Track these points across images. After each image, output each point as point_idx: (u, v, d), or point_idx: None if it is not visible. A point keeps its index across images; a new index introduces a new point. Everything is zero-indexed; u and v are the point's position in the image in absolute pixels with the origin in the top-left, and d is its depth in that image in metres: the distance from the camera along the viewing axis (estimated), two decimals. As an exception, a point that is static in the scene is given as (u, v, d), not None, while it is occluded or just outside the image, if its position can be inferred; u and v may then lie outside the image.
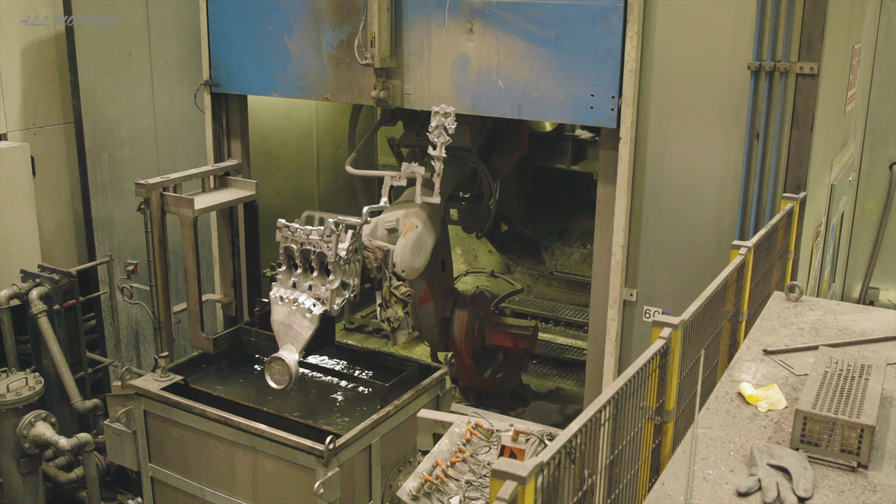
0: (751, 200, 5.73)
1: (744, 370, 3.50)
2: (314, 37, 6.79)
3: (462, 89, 6.33)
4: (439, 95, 6.42)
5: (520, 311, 10.32)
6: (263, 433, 5.58)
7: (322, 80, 6.84)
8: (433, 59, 6.38)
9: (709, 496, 2.65)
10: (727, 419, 3.12)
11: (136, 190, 6.12)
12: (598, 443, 2.80)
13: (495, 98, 6.24)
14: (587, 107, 5.96)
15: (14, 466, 7.05)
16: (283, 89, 7.07)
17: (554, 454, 2.49)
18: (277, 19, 6.91)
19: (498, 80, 6.18)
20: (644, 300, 6.25)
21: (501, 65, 6.15)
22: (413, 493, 3.57)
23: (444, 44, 6.32)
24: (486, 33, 6.15)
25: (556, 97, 6.03)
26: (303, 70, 6.90)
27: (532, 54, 6.03)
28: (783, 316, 4.06)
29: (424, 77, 6.44)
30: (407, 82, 6.50)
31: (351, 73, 6.68)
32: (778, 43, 5.42)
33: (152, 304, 6.42)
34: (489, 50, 6.17)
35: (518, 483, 2.30)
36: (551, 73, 6.01)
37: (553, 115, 6.20)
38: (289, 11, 6.85)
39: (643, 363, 3.09)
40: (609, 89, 5.87)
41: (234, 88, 7.31)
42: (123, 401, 6.29)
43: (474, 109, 6.37)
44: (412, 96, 6.51)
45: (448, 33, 6.29)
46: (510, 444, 3.19)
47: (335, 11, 6.65)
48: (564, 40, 5.93)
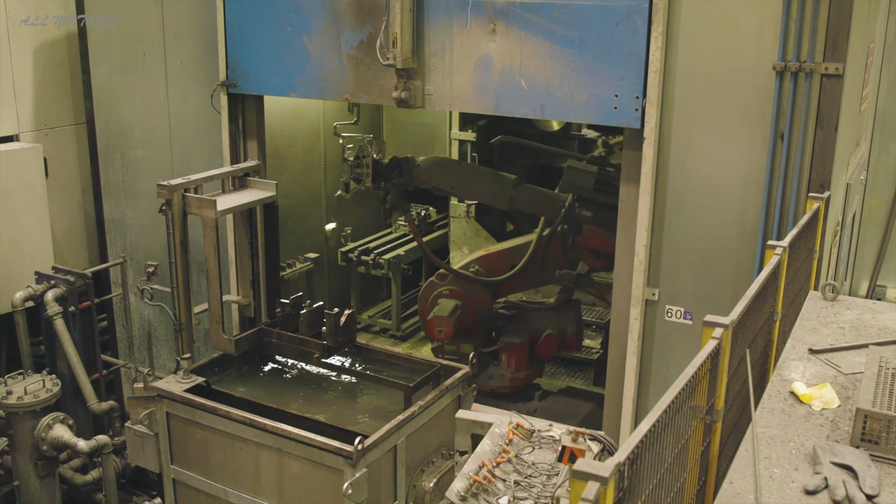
0: (774, 200, 5.76)
1: (792, 369, 3.52)
2: (334, 37, 6.78)
3: (484, 90, 6.34)
4: (461, 96, 6.42)
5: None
6: (290, 434, 5.57)
7: (341, 81, 6.83)
8: (455, 60, 6.38)
9: (777, 494, 2.66)
10: (783, 418, 3.14)
11: (158, 191, 6.10)
12: (663, 443, 2.82)
13: (518, 98, 6.25)
14: (611, 107, 5.98)
15: (32, 469, 7.03)
16: (302, 90, 7.05)
17: (629, 454, 2.50)
18: (296, 19, 6.89)
19: (521, 80, 6.18)
20: (666, 300, 6.27)
21: (524, 65, 6.15)
22: (461, 493, 3.58)
23: (467, 44, 6.32)
24: (509, 34, 6.16)
25: (580, 98, 6.04)
26: (322, 70, 6.88)
27: (555, 55, 6.04)
28: (822, 315, 4.09)
29: (446, 77, 6.44)
30: (428, 83, 6.49)
31: (371, 74, 6.68)
32: (803, 43, 5.44)
33: (173, 306, 6.40)
34: (512, 50, 6.17)
35: (601, 483, 2.31)
36: (575, 74, 6.02)
37: (576, 115, 6.21)
38: (308, 11, 6.84)
39: (700, 363, 3.11)
40: (633, 90, 5.88)
41: (251, 89, 7.29)
42: (144, 403, 6.26)
43: (496, 110, 6.37)
44: (433, 97, 6.51)
45: (470, 34, 6.29)
46: (571, 445, 3.20)
47: (355, 12, 6.64)
48: (588, 41, 5.93)
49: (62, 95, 8.43)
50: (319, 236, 11.16)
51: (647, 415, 2.71)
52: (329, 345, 6.34)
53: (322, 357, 6.42)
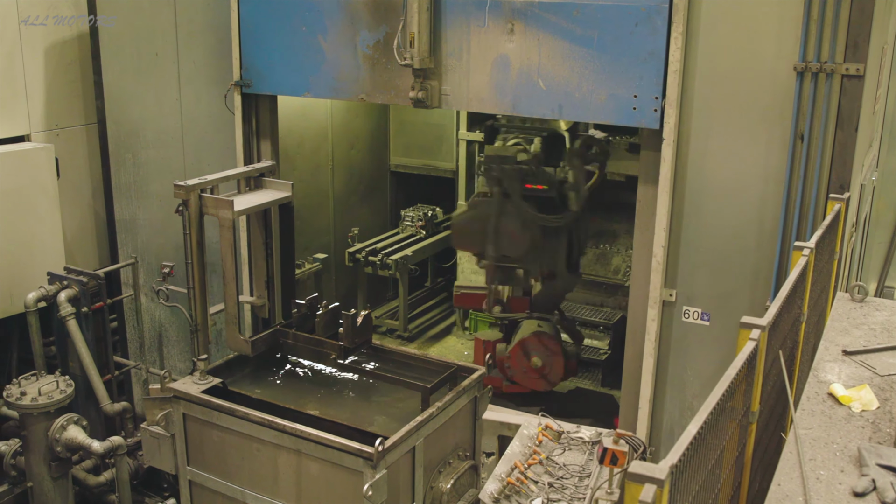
0: (794, 201, 5.76)
1: (828, 371, 3.52)
2: (349, 37, 6.76)
3: (502, 90, 6.33)
4: (478, 96, 6.41)
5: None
6: (310, 436, 5.55)
7: (357, 81, 6.82)
8: (472, 60, 6.37)
9: (825, 497, 2.66)
10: (824, 420, 3.14)
11: (175, 191, 6.07)
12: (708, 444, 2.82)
13: (536, 99, 6.24)
14: (630, 108, 5.97)
15: (45, 470, 7.00)
16: (317, 90, 7.04)
17: (681, 456, 2.50)
18: (311, 19, 6.88)
19: (539, 80, 6.18)
20: (683, 300, 6.27)
21: (543, 65, 6.14)
22: (495, 495, 3.56)
23: (484, 44, 6.31)
24: (528, 34, 6.15)
25: (599, 98, 6.03)
26: (337, 70, 6.87)
27: (574, 55, 6.03)
28: (852, 316, 4.09)
29: (463, 78, 6.43)
30: (445, 83, 6.48)
31: (387, 74, 6.66)
32: (824, 44, 5.45)
33: (189, 307, 6.37)
34: (530, 50, 6.16)
35: (657, 486, 2.31)
36: (593, 74, 6.01)
37: (595, 115, 6.20)
38: (323, 11, 6.82)
39: (740, 364, 3.11)
40: (652, 90, 5.88)
41: (265, 89, 7.27)
42: (161, 404, 6.23)
43: (514, 110, 6.37)
44: (450, 97, 6.50)
45: (488, 34, 6.28)
46: (612, 447, 3.19)
47: (371, 11, 6.63)
48: (607, 41, 5.93)
49: (73, 95, 8.40)
50: (327, 237, 11.15)
51: (695, 417, 2.71)
52: (346, 346, 6.32)
53: (339, 358, 6.40)
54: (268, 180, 6.77)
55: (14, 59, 7.96)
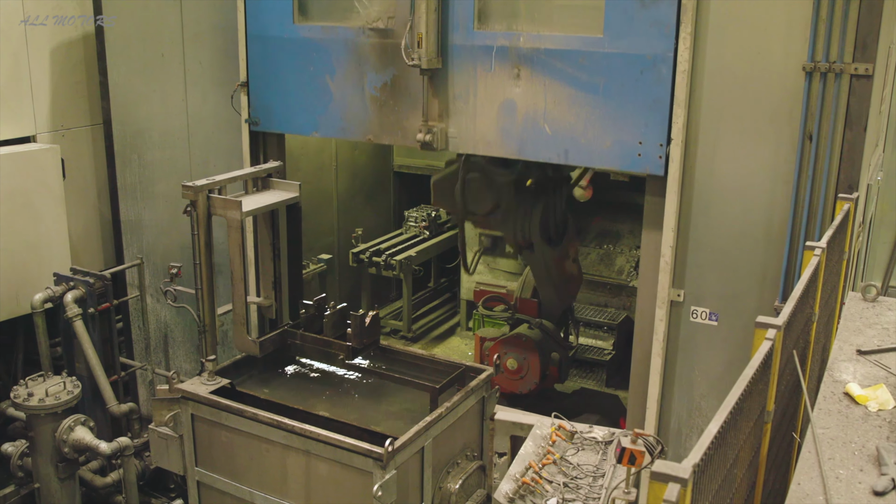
0: (802, 201, 5.77)
1: (843, 370, 3.52)
2: (357, 78, 6.86)
3: (508, 134, 6.39)
4: (485, 139, 6.49)
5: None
6: (319, 436, 5.55)
7: (365, 121, 6.91)
8: (479, 104, 6.44)
9: (846, 496, 2.66)
10: (841, 419, 3.14)
11: (184, 192, 6.06)
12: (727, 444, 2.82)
13: (542, 143, 6.30)
14: (635, 154, 6.03)
15: (52, 471, 6.99)
16: (325, 129, 7.15)
17: (702, 456, 2.50)
18: (319, 60, 6.97)
19: (545, 125, 6.23)
20: (691, 301, 6.27)
21: (549, 111, 6.21)
22: (510, 495, 3.57)
23: (491, 88, 6.38)
24: (534, 79, 6.21)
25: (604, 144, 6.09)
26: (345, 110, 6.97)
27: (580, 101, 6.09)
28: (864, 316, 4.10)
29: (470, 121, 6.50)
30: (452, 125, 6.56)
31: (395, 115, 6.76)
32: (833, 44, 5.46)
33: (197, 307, 6.37)
34: (536, 96, 6.22)
35: (681, 485, 2.31)
36: (599, 120, 6.06)
37: (600, 161, 6.26)
38: (331, 52, 6.92)
39: (757, 364, 3.11)
40: (657, 137, 5.94)
41: (273, 127, 7.38)
42: (169, 405, 6.23)
43: (520, 154, 6.44)
44: (457, 139, 6.58)
45: (494, 78, 6.35)
46: (630, 447, 3.20)
47: (378, 54, 6.73)
48: (613, 88, 5.98)
49: (79, 96, 8.39)
50: (331, 237, 11.15)
51: (714, 416, 2.72)
52: (354, 346, 6.32)
53: (347, 359, 6.40)
54: (275, 181, 6.76)
55: (19, 60, 7.95)
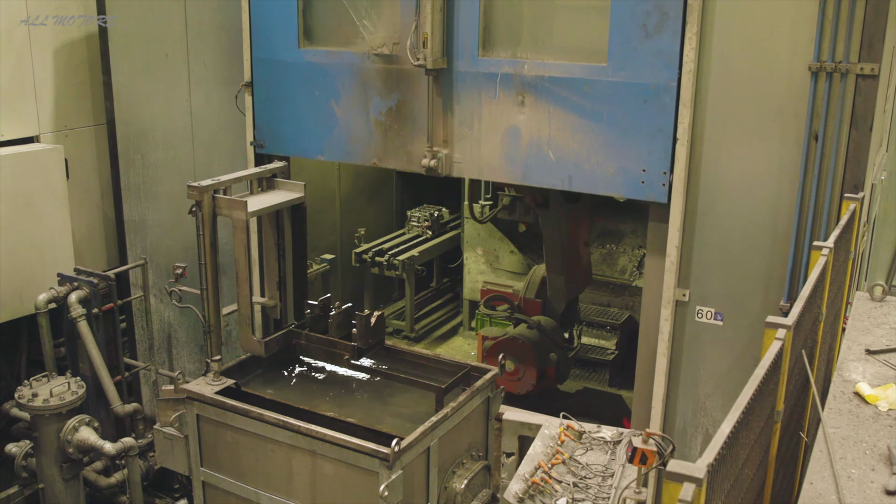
0: (808, 201, 5.77)
1: (852, 370, 3.52)
2: (362, 103, 6.89)
3: (512, 160, 6.42)
4: (489, 165, 6.51)
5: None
6: (325, 437, 5.55)
7: (370, 146, 6.94)
8: (483, 130, 6.47)
9: (858, 495, 2.66)
10: (851, 419, 3.14)
11: (189, 192, 6.06)
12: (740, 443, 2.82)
13: (546, 170, 6.32)
14: (638, 181, 6.06)
15: (56, 472, 6.99)
16: (330, 153, 7.18)
17: (717, 455, 2.50)
18: (324, 84, 7.00)
19: (549, 152, 6.25)
20: (696, 300, 6.27)
21: (553, 137, 6.23)
22: (519, 495, 3.56)
23: (495, 115, 6.41)
24: (538, 106, 6.23)
25: (607, 171, 6.12)
26: (350, 134, 6.99)
27: (584, 128, 6.11)
28: (872, 316, 4.10)
29: (474, 146, 6.53)
30: (457, 151, 6.59)
31: (400, 140, 6.79)
32: (839, 44, 5.45)
33: (202, 308, 6.36)
34: (540, 123, 6.25)
35: (696, 485, 2.31)
36: (603, 148, 6.09)
37: (604, 188, 6.27)
38: (336, 77, 6.94)
39: (768, 364, 3.11)
40: (661, 165, 5.96)
41: (278, 150, 7.38)
42: (174, 405, 6.23)
43: (524, 180, 6.46)
44: (462, 165, 6.61)
45: (499, 105, 6.38)
46: (641, 447, 3.20)
47: (383, 79, 6.75)
48: (617, 116, 6.01)
49: (82, 96, 8.39)
50: (333, 237, 11.15)
51: (727, 416, 2.72)
52: (360, 346, 6.32)
53: (352, 359, 6.40)
54: (280, 181, 6.76)
55: (23, 60, 7.95)
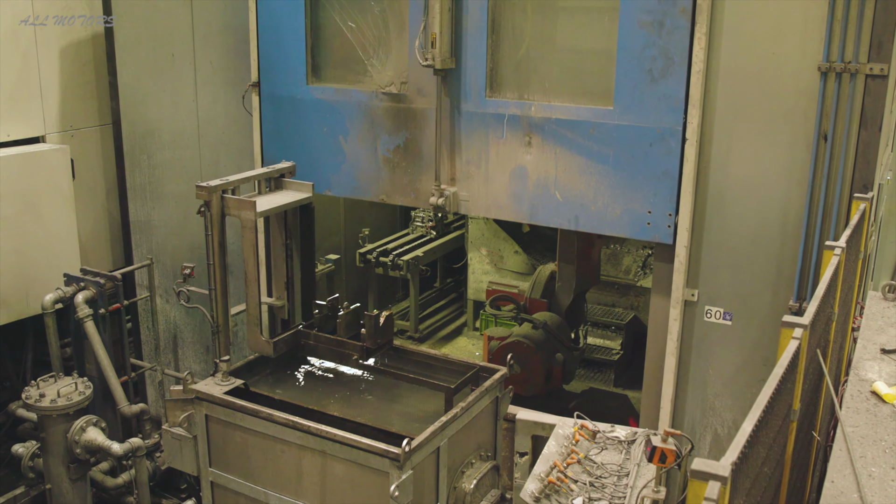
0: (817, 201, 5.77)
1: (868, 369, 3.53)
2: (370, 140, 6.95)
3: (519, 199, 6.48)
4: (497, 203, 6.57)
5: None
6: (335, 437, 5.54)
7: (377, 182, 7.01)
8: (491, 169, 6.53)
9: (879, 493, 2.66)
10: (869, 418, 3.15)
11: (198, 193, 6.06)
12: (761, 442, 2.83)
13: (552, 209, 6.38)
14: (644, 223, 6.12)
15: (64, 472, 6.98)
16: (338, 188, 7.25)
17: (739, 454, 2.51)
18: (332, 121, 7.06)
19: (556, 192, 6.31)
20: (705, 300, 6.27)
21: (559, 178, 6.30)
22: (535, 494, 3.57)
23: (503, 155, 6.46)
24: (545, 147, 6.29)
25: (614, 212, 6.18)
26: (358, 171, 7.06)
27: (590, 170, 6.17)
28: (886, 315, 4.10)
29: (482, 185, 6.59)
30: (464, 189, 6.66)
31: (407, 177, 6.85)
32: (848, 44, 5.46)
33: (211, 308, 6.36)
34: (547, 163, 6.31)
35: (721, 483, 2.32)
36: (609, 189, 6.14)
37: (610, 228, 6.33)
38: (344, 114, 7.00)
39: (786, 363, 3.11)
40: (666, 207, 6.01)
41: None
42: (182, 405, 6.22)
43: (531, 219, 6.53)
44: (469, 203, 6.68)
45: (506, 145, 6.44)
46: (661, 445, 3.20)
47: (391, 118, 6.80)
48: (623, 159, 6.06)
49: (88, 96, 8.39)
50: (337, 237, 11.14)
51: (748, 415, 2.72)
52: (368, 346, 6.32)
53: (361, 359, 6.39)
54: (288, 181, 6.76)
55: (29, 60, 7.95)
